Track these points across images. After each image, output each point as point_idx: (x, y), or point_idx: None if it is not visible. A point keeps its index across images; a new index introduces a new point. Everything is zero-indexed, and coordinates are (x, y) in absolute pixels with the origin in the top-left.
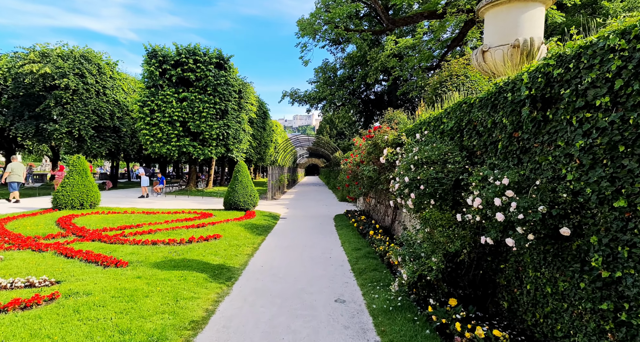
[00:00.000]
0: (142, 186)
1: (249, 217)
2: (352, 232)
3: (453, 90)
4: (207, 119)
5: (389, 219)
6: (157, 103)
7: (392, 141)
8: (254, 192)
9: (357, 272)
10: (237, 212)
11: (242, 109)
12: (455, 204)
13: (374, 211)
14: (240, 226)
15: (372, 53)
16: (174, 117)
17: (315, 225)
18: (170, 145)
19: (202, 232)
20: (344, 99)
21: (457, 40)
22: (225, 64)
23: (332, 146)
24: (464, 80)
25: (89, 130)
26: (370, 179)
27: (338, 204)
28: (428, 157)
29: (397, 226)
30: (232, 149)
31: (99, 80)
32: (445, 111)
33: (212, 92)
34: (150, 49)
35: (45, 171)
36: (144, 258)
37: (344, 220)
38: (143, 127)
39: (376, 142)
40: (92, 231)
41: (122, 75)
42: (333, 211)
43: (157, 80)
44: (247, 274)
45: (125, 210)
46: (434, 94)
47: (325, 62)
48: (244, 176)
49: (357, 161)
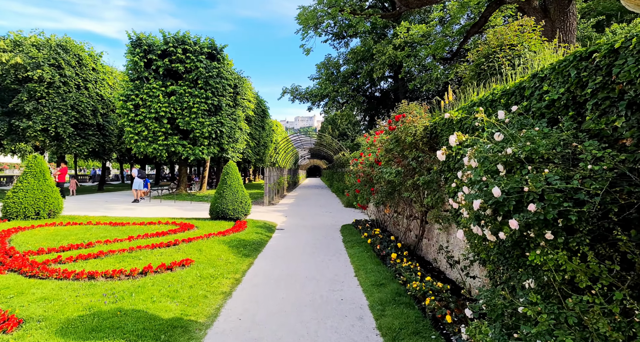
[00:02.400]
0: (133, 188)
1: (237, 229)
2: (367, 253)
3: (507, 65)
4: (198, 115)
5: (412, 234)
6: (142, 97)
7: (422, 134)
8: (246, 198)
9: (389, 337)
10: (224, 223)
11: (238, 106)
12: (604, 242)
13: (391, 222)
14: (223, 244)
15: (378, 46)
16: (161, 113)
17: (318, 240)
18: (157, 145)
19: (170, 254)
20: (347, 96)
21: (478, 26)
22: (218, 54)
23: (335, 147)
24: (520, 50)
25: (67, 128)
26: (390, 184)
27: (343, 210)
28: (534, 150)
29: (428, 246)
30: (227, 148)
31: (79, 72)
32: (544, 72)
33: (204, 86)
34: (135, 38)
35: None
36: (56, 309)
37: (353, 233)
38: (127, 124)
39: (399, 135)
40: (20, 255)
41: (108, 69)
42: (339, 220)
43: (142, 72)
44: (214, 337)
45: (90, 220)
46: (476, 72)
47: (328, 58)
48: (233, 178)
49: (370, 161)
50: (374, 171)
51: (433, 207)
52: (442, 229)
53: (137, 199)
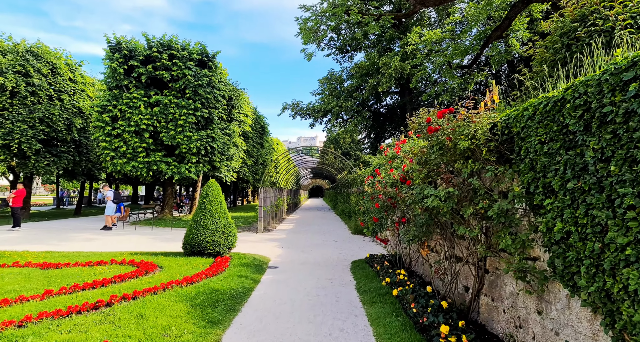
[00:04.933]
0: (106, 214)
1: (215, 270)
2: (397, 318)
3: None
4: (185, 128)
5: (460, 286)
6: (120, 108)
7: (486, 135)
8: (230, 226)
9: None
10: (200, 261)
11: (233, 120)
12: None
13: (418, 259)
14: (183, 302)
15: (384, 59)
16: (142, 126)
17: (323, 288)
18: (137, 162)
19: (87, 329)
20: (352, 111)
21: (501, 29)
22: (210, 61)
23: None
24: (622, 21)
25: (33, 144)
26: (431, 213)
27: (351, 239)
28: None
29: (492, 309)
30: (220, 166)
31: (52, 81)
32: None
33: (192, 96)
34: (114, 42)
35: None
36: None
37: (369, 276)
38: (102, 138)
39: (443, 140)
40: None
41: (89, 80)
42: (347, 253)
43: (122, 80)
44: None
45: (17, 259)
46: (564, 44)
47: (331, 73)
48: (214, 202)
49: (393, 179)
50: (402, 193)
51: (505, 251)
52: (529, 291)
53: (109, 226)
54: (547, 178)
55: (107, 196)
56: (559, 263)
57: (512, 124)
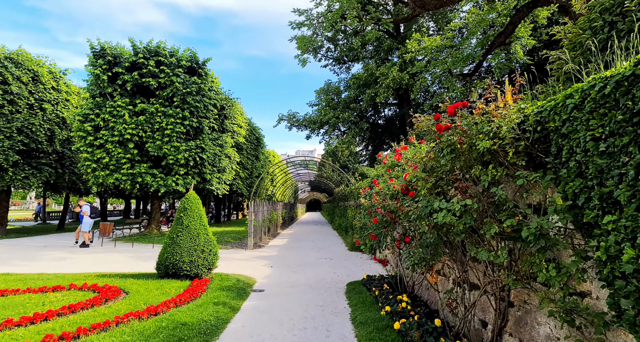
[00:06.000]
0: (82, 230)
1: (189, 296)
2: None
3: None
4: (172, 138)
5: (476, 320)
6: (103, 117)
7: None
8: (211, 244)
9: None
10: (174, 284)
11: (226, 131)
12: None
13: (424, 285)
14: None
15: (382, 69)
16: (126, 136)
17: (312, 319)
18: (120, 174)
19: None
20: (350, 123)
21: (505, 35)
22: (200, 69)
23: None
24: None
25: (10, 155)
26: (441, 231)
27: (348, 256)
28: None
29: None
30: (211, 178)
31: (33, 90)
32: None
33: (180, 104)
34: (98, 47)
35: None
36: None
37: (366, 302)
38: (83, 149)
39: (453, 142)
40: None
41: (74, 89)
42: (343, 273)
43: (105, 87)
44: None
45: None
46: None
47: (328, 83)
48: (193, 216)
49: (393, 190)
50: (404, 206)
51: (535, 280)
52: (580, 340)
53: (85, 242)
54: (607, 187)
55: (84, 210)
56: (627, 304)
57: (548, 117)
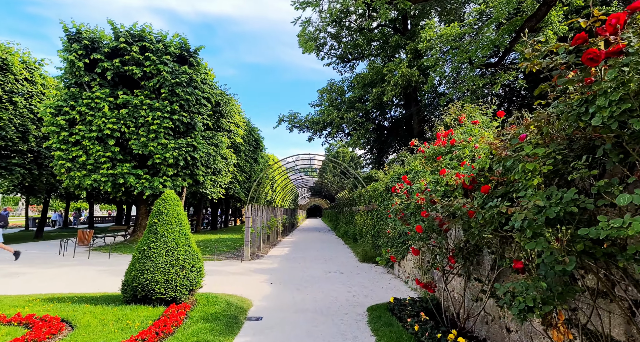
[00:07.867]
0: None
1: (160, 332)
2: None
3: None
4: (160, 134)
5: None
6: (79, 110)
7: None
8: (194, 258)
9: None
10: (143, 311)
11: (221, 129)
12: None
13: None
14: None
15: (390, 65)
16: (106, 132)
17: None
18: (99, 175)
19: None
20: (354, 123)
21: (536, 19)
22: (191, 57)
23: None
24: None
25: None
26: None
27: (360, 268)
28: None
29: None
30: (204, 181)
31: (1, 81)
32: None
33: (168, 96)
34: (74, 30)
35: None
36: None
37: (401, 339)
38: (56, 146)
39: None
40: None
41: (51, 81)
42: (360, 293)
43: (82, 75)
44: None
45: None
46: None
47: (331, 83)
48: (170, 223)
49: (446, 188)
50: (481, 207)
51: None
52: None
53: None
54: None
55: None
56: None
57: None
